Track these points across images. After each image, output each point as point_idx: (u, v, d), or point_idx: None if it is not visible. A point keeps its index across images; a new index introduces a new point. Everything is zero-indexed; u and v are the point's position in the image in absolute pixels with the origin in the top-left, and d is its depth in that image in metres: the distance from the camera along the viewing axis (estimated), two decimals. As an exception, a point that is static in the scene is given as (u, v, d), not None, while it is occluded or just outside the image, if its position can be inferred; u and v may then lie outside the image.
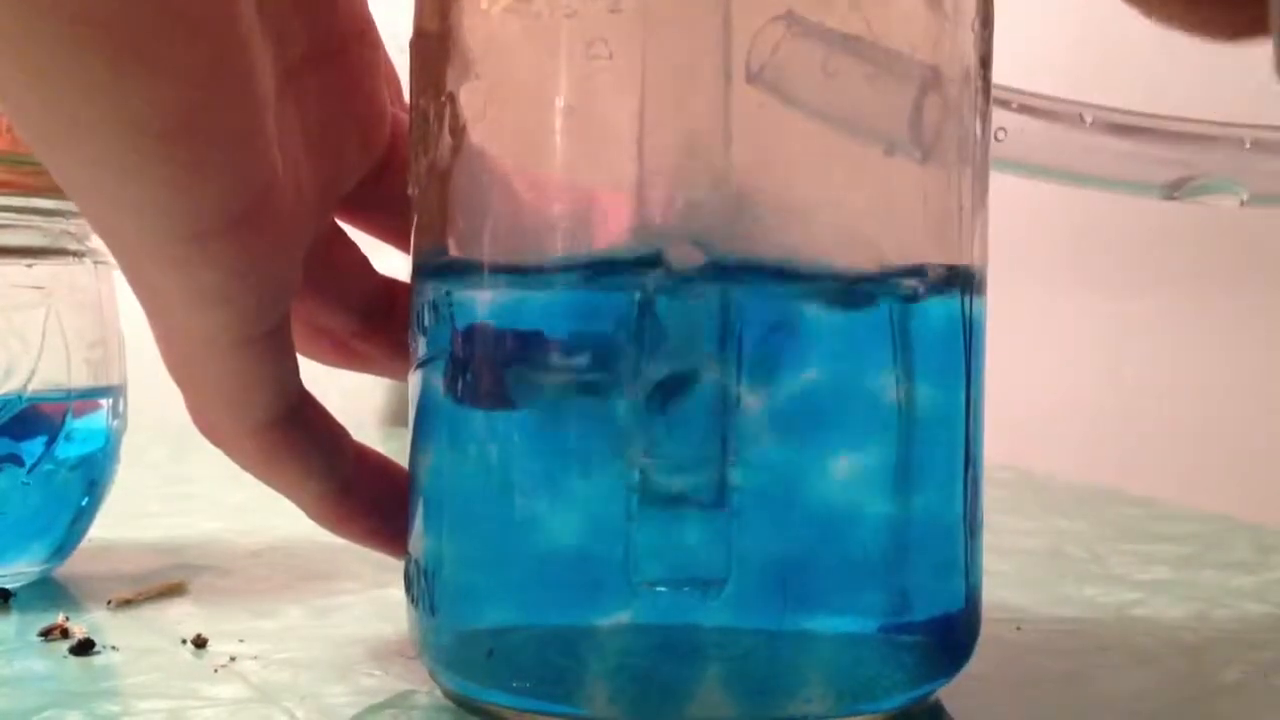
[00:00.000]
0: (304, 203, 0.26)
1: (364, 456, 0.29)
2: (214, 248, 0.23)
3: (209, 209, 0.22)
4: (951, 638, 0.25)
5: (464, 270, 0.24)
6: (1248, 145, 0.30)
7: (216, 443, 0.27)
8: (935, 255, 0.24)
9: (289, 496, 0.28)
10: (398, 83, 0.30)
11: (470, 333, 0.24)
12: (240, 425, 0.26)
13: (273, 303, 0.25)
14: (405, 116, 0.29)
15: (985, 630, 0.26)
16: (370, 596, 0.35)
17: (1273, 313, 0.58)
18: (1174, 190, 0.30)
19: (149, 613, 0.33)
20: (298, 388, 0.27)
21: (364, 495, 0.29)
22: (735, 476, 0.23)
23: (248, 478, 0.27)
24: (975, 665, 0.26)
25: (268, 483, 0.28)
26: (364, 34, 0.28)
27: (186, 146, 0.21)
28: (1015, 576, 0.39)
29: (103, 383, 0.36)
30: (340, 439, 0.28)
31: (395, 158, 0.29)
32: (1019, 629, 0.32)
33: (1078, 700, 0.27)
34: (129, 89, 0.21)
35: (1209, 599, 0.36)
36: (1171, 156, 0.30)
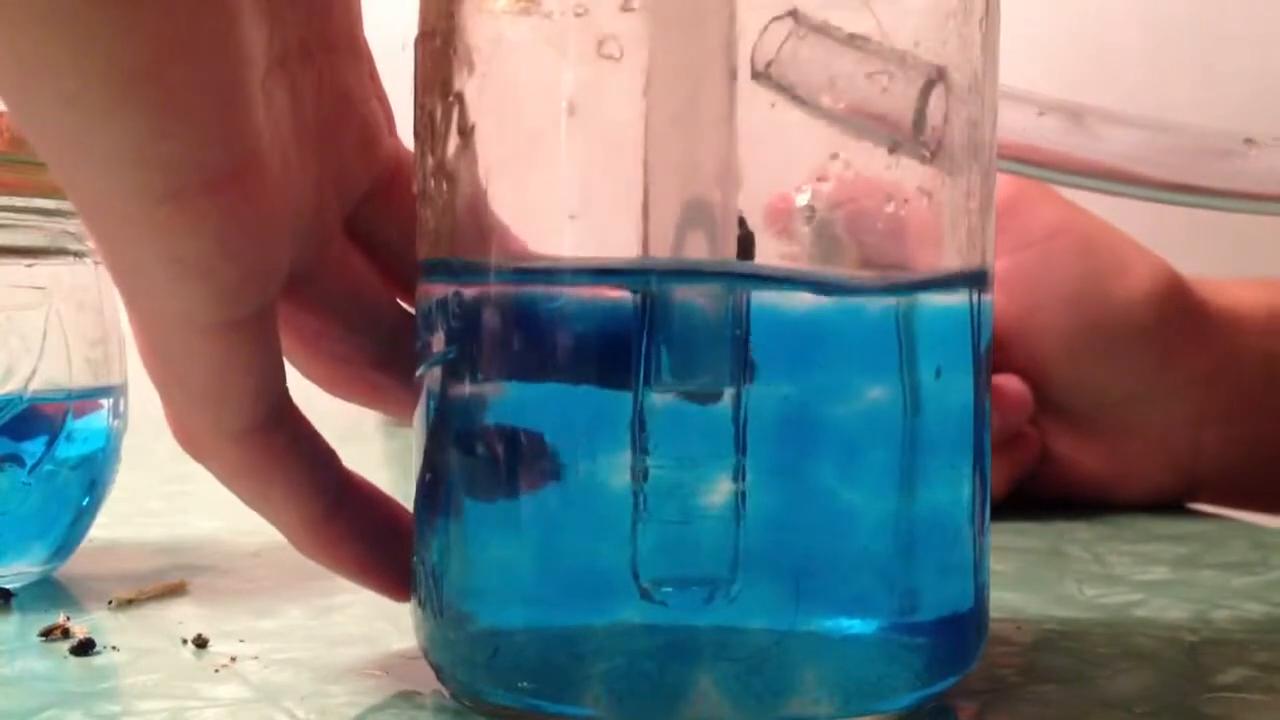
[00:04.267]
0: (294, 186, 0.25)
1: (353, 481, 0.28)
2: (192, 210, 0.22)
3: (185, 163, 0.21)
4: (960, 637, 0.25)
5: (471, 270, 0.24)
6: (1248, 146, 0.30)
7: (196, 453, 0.26)
8: (942, 254, 0.24)
9: (273, 518, 0.27)
10: (390, 108, 0.29)
11: (477, 333, 0.24)
12: (220, 428, 0.25)
13: (255, 283, 0.23)
14: (406, 149, 0.29)
15: (987, 630, 0.26)
16: (371, 596, 0.35)
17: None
18: (1185, 193, 0.30)
19: (150, 613, 0.33)
20: (282, 392, 0.26)
21: (354, 522, 0.27)
22: (742, 477, 0.23)
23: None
24: (975, 664, 0.26)
25: (249, 499, 0.26)
26: (354, 42, 0.28)
27: (162, 89, 0.21)
28: (1015, 576, 0.39)
29: (103, 382, 0.36)
30: (329, 456, 0.27)
31: (396, 190, 0.29)
32: (1019, 628, 0.32)
33: (1078, 700, 0.27)
34: (101, 19, 0.20)
35: (1209, 599, 0.36)
36: (1173, 159, 0.30)
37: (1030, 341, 0.51)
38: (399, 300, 0.30)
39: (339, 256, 0.28)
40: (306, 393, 0.28)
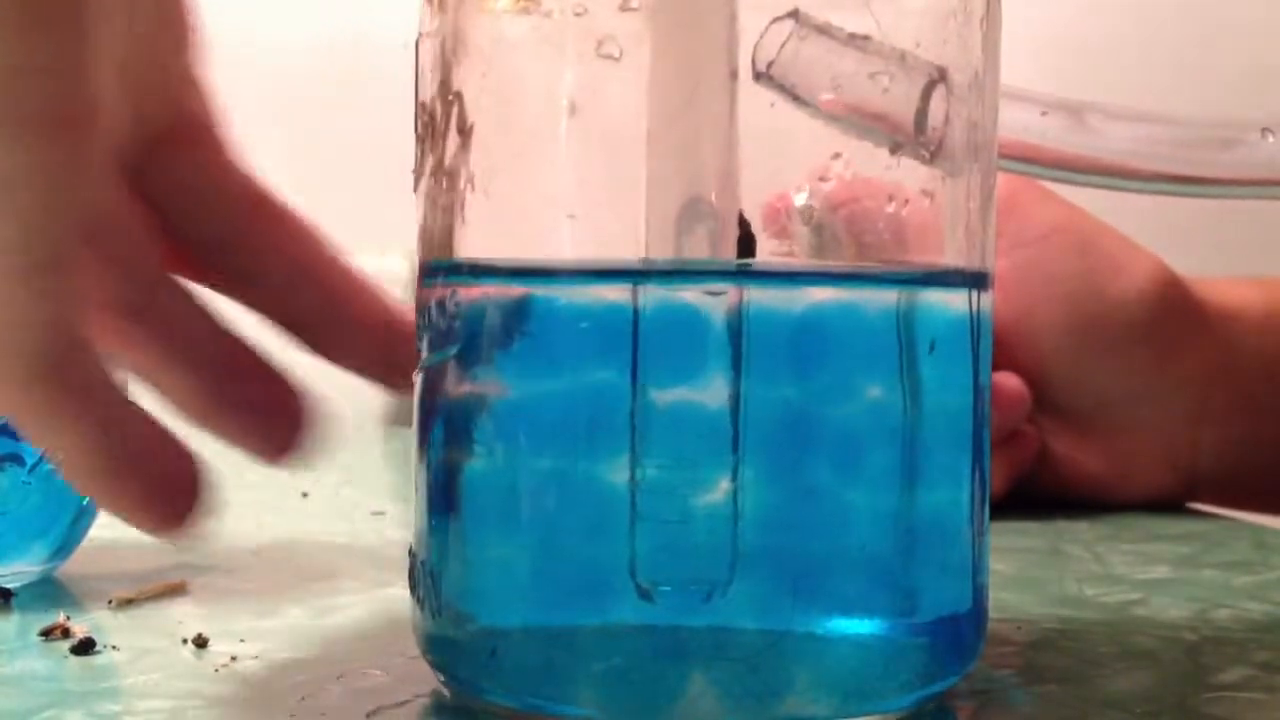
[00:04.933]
0: (115, 122, 0.25)
1: (143, 422, 0.26)
2: (24, 140, 0.21)
3: (31, 89, 0.21)
4: (959, 638, 0.25)
5: (470, 270, 0.24)
6: (1253, 137, 0.30)
7: None
8: (942, 254, 0.24)
9: (56, 458, 0.25)
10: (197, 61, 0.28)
11: (476, 333, 0.24)
12: (7, 375, 0.23)
13: (59, 225, 0.23)
14: (216, 111, 0.28)
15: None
16: (371, 596, 0.35)
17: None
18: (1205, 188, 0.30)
19: (150, 612, 0.33)
20: (75, 340, 0.24)
21: (139, 464, 0.25)
22: (740, 477, 0.23)
23: (249, 478, 0.27)
24: (975, 665, 0.26)
25: (36, 441, 0.25)
26: None
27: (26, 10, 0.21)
28: (1015, 576, 0.39)
29: (103, 382, 0.36)
30: (123, 401, 0.25)
31: (192, 146, 0.28)
32: (1019, 628, 0.32)
33: (1078, 700, 0.27)
34: None
35: (1209, 599, 0.36)
36: (1177, 152, 0.30)
37: (1028, 340, 0.51)
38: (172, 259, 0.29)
39: (120, 202, 0.27)
40: (311, 392, 0.28)
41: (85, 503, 0.36)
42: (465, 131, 0.24)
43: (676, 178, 0.23)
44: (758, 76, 0.23)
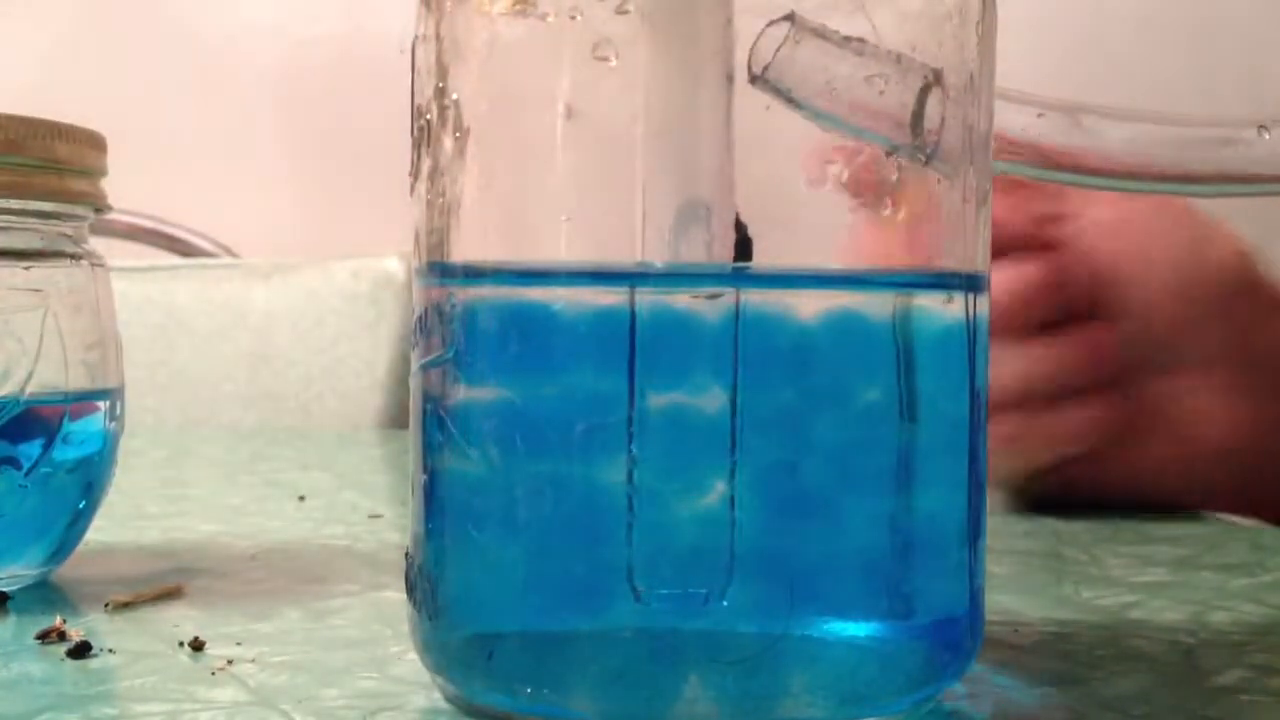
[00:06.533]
0: None
1: None
2: None
3: None
4: (955, 641, 0.25)
5: (466, 273, 0.24)
6: (1249, 134, 0.30)
7: None
8: (939, 257, 0.24)
9: None
10: None
11: (473, 335, 0.24)
12: None
13: None
14: None
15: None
16: (368, 599, 0.35)
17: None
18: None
19: (146, 615, 0.33)
20: None
21: None
22: (737, 480, 0.23)
23: (245, 480, 0.27)
24: (973, 668, 0.26)
25: None
26: None
27: None
28: (1013, 579, 0.39)
29: (100, 385, 0.36)
30: None
31: None
32: (1016, 631, 0.32)
33: (1075, 703, 0.27)
34: None
35: (1206, 601, 0.36)
36: (1169, 152, 0.30)
37: (1137, 286, 0.51)
38: None
39: None
40: (308, 396, 0.28)
41: (82, 506, 0.36)
42: (461, 134, 0.24)
43: (673, 181, 0.23)
44: (754, 79, 0.23)
